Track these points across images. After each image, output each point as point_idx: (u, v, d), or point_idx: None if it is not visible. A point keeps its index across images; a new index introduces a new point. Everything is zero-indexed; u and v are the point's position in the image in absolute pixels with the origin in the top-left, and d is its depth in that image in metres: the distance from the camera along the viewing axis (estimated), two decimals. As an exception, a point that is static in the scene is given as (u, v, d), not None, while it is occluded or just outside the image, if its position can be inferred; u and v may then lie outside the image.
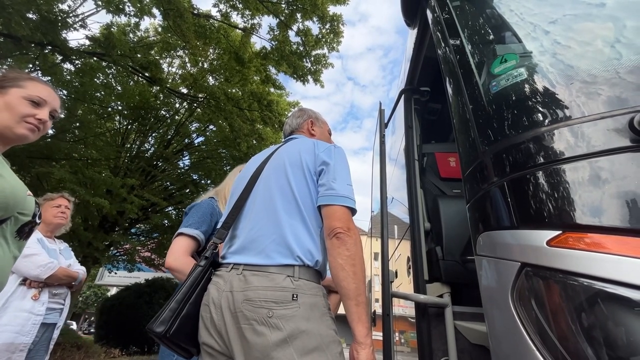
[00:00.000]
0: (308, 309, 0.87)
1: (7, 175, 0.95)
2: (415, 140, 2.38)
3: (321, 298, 0.93)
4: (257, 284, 0.88)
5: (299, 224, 0.98)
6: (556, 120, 0.85)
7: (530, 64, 1.01)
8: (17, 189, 0.97)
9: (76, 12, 6.88)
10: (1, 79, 1.05)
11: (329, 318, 0.91)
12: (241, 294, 0.88)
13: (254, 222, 1.02)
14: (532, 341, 0.73)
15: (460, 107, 1.19)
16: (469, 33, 1.35)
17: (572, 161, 0.78)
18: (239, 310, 0.86)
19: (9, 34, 4.63)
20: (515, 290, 0.79)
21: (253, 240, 0.98)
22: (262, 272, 0.91)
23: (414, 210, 2.10)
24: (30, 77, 1.11)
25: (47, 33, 4.74)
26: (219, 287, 0.93)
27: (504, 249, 0.86)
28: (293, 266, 0.92)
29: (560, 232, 0.74)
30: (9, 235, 0.96)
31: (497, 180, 0.92)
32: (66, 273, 2.15)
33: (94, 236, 7.27)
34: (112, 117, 9.34)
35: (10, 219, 0.95)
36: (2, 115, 0.99)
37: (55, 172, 6.30)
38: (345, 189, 1.00)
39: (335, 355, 0.85)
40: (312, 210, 1.01)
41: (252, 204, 1.07)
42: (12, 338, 1.83)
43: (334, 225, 0.94)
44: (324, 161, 1.06)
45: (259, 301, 0.86)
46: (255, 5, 6.24)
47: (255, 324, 0.83)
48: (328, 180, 1.01)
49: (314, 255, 0.96)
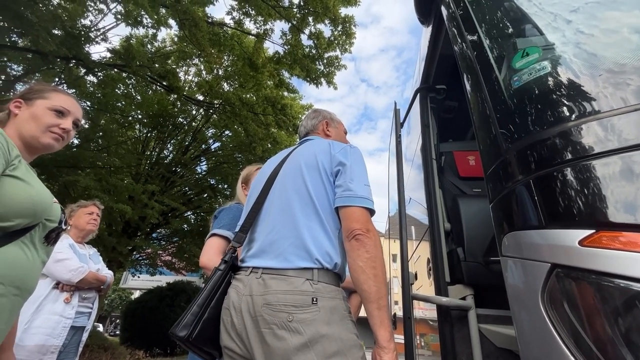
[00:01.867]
0: (328, 312, 0.86)
1: (34, 184, 0.99)
2: (432, 139, 2.33)
3: (341, 301, 0.92)
4: (277, 288, 0.88)
5: (316, 226, 0.97)
6: (584, 114, 0.81)
7: (554, 56, 0.97)
8: (44, 196, 1.01)
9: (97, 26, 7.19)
10: (27, 91, 1.10)
11: (350, 321, 0.90)
12: (261, 298, 0.88)
13: (271, 225, 1.02)
14: (566, 345, 0.70)
15: (480, 103, 1.16)
16: (487, 27, 1.31)
17: (604, 156, 0.74)
18: (259, 315, 0.86)
19: (37, 50, 4.87)
20: (546, 292, 0.76)
21: (271, 243, 0.98)
22: (281, 276, 0.91)
23: (433, 211, 2.06)
24: (54, 88, 1.16)
25: (72, 47, 4.97)
26: (238, 291, 0.94)
27: (532, 249, 0.83)
28: (312, 269, 0.91)
29: (594, 231, 0.70)
30: (37, 241, 1.01)
31: (523, 178, 0.89)
32: (95, 277, 2.22)
33: (118, 241, 7.52)
34: (133, 125, 9.68)
35: (38, 225, 0.99)
36: (29, 125, 1.04)
37: (81, 180, 6.57)
38: (363, 190, 0.99)
39: (356, 359, 0.84)
40: (330, 211, 1.00)
41: (269, 207, 1.07)
42: (43, 340, 1.90)
43: (352, 227, 0.93)
44: (340, 162, 1.05)
45: (279, 305, 0.85)
46: (267, 11, 6.32)
47: (276, 328, 0.83)
48: (345, 181, 1.00)
49: (333, 258, 0.95)
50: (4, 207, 0.89)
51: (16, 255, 0.93)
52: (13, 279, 0.91)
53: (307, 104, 10.15)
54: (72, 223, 2.27)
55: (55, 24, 4.60)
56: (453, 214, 2.13)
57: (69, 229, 2.25)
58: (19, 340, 1.85)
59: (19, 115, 1.05)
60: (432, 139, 2.34)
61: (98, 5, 6.77)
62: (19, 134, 1.03)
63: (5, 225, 0.90)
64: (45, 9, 4.56)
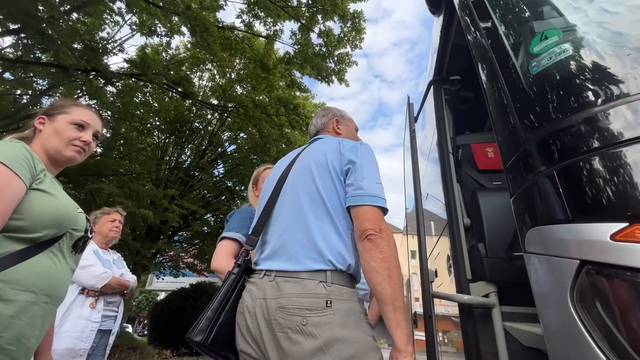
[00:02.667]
0: (343, 315, 0.84)
1: (60, 196, 1.03)
2: (448, 132, 2.26)
3: (356, 303, 0.89)
4: (290, 291, 0.87)
5: (328, 227, 0.95)
6: (611, 98, 0.75)
7: (576, 37, 0.91)
8: (70, 207, 1.05)
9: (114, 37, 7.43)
10: (50, 108, 1.15)
11: (366, 324, 0.88)
12: (274, 302, 0.87)
13: (283, 227, 1.01)
14: (598, 346, 0.65)
15: (497, 92, 1.10)
16: (501, 12, 1.25)
17: (635, 143, 0.68)
18: (273, 319, 0.85)
19: (59, 64, 5.09)
20: (575, 290, 0.71)
21: (283, 245, 0.97)
22: (294, 279, 0.89)
23: (451, 206, 2.00)
24: (74, 103, 1.20)
25: (90, 60, 5.16)
26: (252, 295, 0.93)
27: (558, 245, 0.78)
28: (325, 271, 0.89)
29: (627, 225, 0.65)
30: (66, 250, 1.04)
31: (546, 169, 0.84)
32: (119, 282, 2.29)
33: (141, 245, 7.77)
34: (152, 132, 9.97)
35: (66, 235, 1.03)
36: (52, 140, 1.08)
37: (104, 187, 6.83)
38: (374, 188, 0.96)
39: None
40: (341, 211, 0.98)
41: (280, 209, 1.06)
42: (72, 344, 1.97)
43: (364, 227, 0.90)
44: (350, 160, 1.02)
45: (293, 309, 0.84)
46: (276, 11, 6.34)
47: (290, 332, 0.82)
48: (356, 179, 0.98)
49: (346, 259, 0.93)
50: (32, 219, 0.93)
51: (46, 265, 0.97)
52: (44, 287, 0.95)
53: (319, 103, 10.13)
54: (96, 230, 2.35)
55: (74, 39, 4.80)
56: (472, 208, 2.05)
57: (93, 236, 2.33)
58: (50, 343, 1.93)
59: (43, 131, 1.10)
60: (448, 131, 2.27)
61: (114, 18, 7.01)
62: (44, 149, 1.08)
63: (34, 236, 0.94)
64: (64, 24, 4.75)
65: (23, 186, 0.91)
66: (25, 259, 0.90)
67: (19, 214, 0.90)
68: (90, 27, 6.04)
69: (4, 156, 0.89)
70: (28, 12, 3.78)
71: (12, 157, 0.90)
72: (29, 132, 1.10)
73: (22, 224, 0.91)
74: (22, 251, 0.90)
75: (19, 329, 0.87)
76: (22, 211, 0.91)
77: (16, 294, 0.86)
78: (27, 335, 0.90)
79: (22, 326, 0.87)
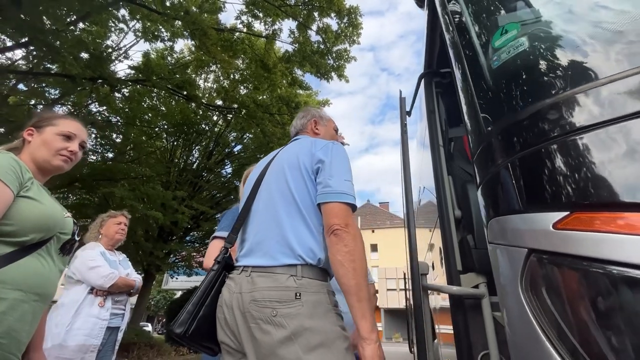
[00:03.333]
0: (311, 306, 0.89)
1: (46, 202, 1.11)
2: (439, 125, 2.27)
3: (325, 295, 0.94)
4: (263, 285, 0.92)
5: (299, 224, 1.00)
6: (559, 91, 0.77)
7: (533, 31, 0.92)
8: (56, 212, 1.12)
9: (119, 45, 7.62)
10: (38, 120, 1.22)
11: (334, 314, 0.92)
12: (248, 295, 0.92)
13: (258, 225, 1.06)
14: (544, 332, 0.68)
15: (464, 86, 1.12)
16: (473, 8, 1.26)
17: (576, 136, 0.70)
18: (247, 311, 0.91)
19: (66, 74, 5.27)
20: (524, 278, 0.74)
21: (258, 243, 1.02)
22: (267, 273, 0.95)
23: (441, 198, 2.02)
24: (61, 115, 1.28)
25: (96, 68, 5.33)
26: (230, 289, 0.99)
27: (513, 234, 0.81)
28: (296, 265, 0.94)
29: (568, 213, 0.68)
30: (54, 252, 1.12)
31: (502, 161, 0.86)
32: (125, 282, 2.40)
33: (154, 246, 8.00)
34: (160, 136, 10.19)
35: (53, 238, 1.11)
36: (41, 151, 1.16)
37: (116, 191, 7.05)
38: (342, 185, 1.00)
39: (340, 350, 0.86)
40: (313, 209, 1.02)
41: (256, 208, 1.11)
42: (83, 340, 2.09)
43: (331, 222, 0.94)
44: (319, 159, 1.06)
45: (264, 301, 0.89)
46: (274, 11, 6.38)
47: (262, 323, 0.88)
48: (325, 178, 1.02)
49: (316, 254, 0.97)
50: (20, 224, 1.01)
51: (34, 266, 1.04)
52: (32, 286, 1.03)
53: (323, 100, 10.14)
54: (102, 232, 2.46)
55: (80, 49, 4.97)
56: (463, 200, 2.06)
57: (100, 238, 2.44)
58: (63, 340, 2.05)
59: (31, 142, 1.17)
60: (439, 125, 2.28)
61: (118, 25, 7.18)
62: (32, 158, 1.15)
63: (22, 239, 1.02)
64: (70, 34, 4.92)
65: (11, 194, 0.98)
66: (15, 261, 0.98)
67: (7, 219, 0.98)
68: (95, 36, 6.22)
69: None
70: (34, 25, 3.93)
71: (1, 167, 0.98)
72: (18, 143, 1.18)
73: (11, 229, 0.99)
74: (11, 254, 0.98)
75: (10, 324, 0.95)
76: (10, 217, 0.98)
77: (6, 292, 0.95)
78: (18, 330, 0.98)
79: (13, 322, 0.95)
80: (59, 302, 2.20)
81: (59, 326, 2.05)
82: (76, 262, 2.23)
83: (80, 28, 6.38)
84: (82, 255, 2.26)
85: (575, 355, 0.62)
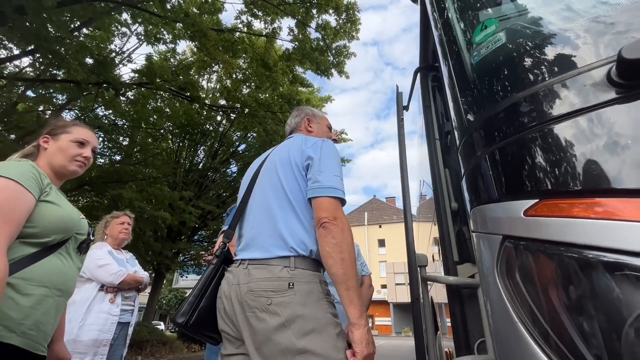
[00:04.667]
0: (304, 295, 0.95)
1: (64, 205, 1.19)
2: (434, 119, 2.30)
3: (317, 285, 0.99)
4: (258, 276, 0.99)
5: (291, 218, 1.06)
6: (530, 84, 0.80)
7: (510, 27, 0.95)
8: (73, 215, 1.21)
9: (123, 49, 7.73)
10: (53, 128, 1.30)
11: (326, 302, 0.98)
12: (245, 286, 0.99)
13: (253, 221, 1.13)
14: (518, 317, 0.72)
15: (449, 81, 1.16)
16: (459, 5, 1.29)
17: (547, 125, 0.74)
18: (244, 301, 0.97)
19: (72, 79, 5.40)
20: (499, 264, 0.78)
21: (254, 237, 1.09)
22: (262, 265, 1.01)
23: (438, 190, 2.05)
24: (74, 123, 1.36)
25: (101, 73, 5.44)
26: (229, 281, 1.05)
27: (491, 223, 0.85)
28: (289, 257, 1.00)
29: (537, 201, 0.71)
30: (72, 251, 1.21)
31: (481, 153, 0.90)
32: (133, 278, 2.49)
33: (163, 245, 8.16)
34: (165, 137, 10.34)
35: (71, 238, 1.20)
36: (57, 157, 1.24)
37: (124, 193, 7.20)
38: (331, 180, 1.05)
39: (332, 335, 0.92)
40: (304, 203, 1.08)
41: (252, 204, 1.18)
42: (96, 335, 2.19)
43: (320, 216, 1.00)
44: (309, 156, 1.12)
45: (259, 291, 0.96)
46: (273, 9, 6.42)
47: (257, 311, 0.94)
48: (314, 173, 1.07)
49: (308, 245, 1.03)
50: (42, 226, 1.09)
51: (56, 264, 1.13)
52: (55, 283, 1.12)
53: (326, 96, 10.16)
54: (107, 233, 2.55)
55: (84, 54, 5.08)
56: (460, 192, 2.09)
57: (106, 238, 2.54)
58: (76, 336, 2.15)
59: (48, 149, 1.26)
60: (435, 118, 2.30)
61: (121, 29, 7.29)
62: (49, 164, 1.24)
63: (44, 240, 1.10)
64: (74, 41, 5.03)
65: (33, 199, 1.06)
66: (38, 260, 1.07)
67: (31, 222, 1.06)
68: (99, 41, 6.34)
69: (15, 174, 1.04)
70: (38, 34, 4.04)
71: (22, 175, 1.06)
72: (31, 149, 1.26)
73: (34, 231, 1.07)
74: (35, 254, 1.07)
75: (37, 317, 1.03)
76: (33, 220, 1.07)
77: (32, 288, 1.03)
78: (44, 323, 1.07)
79: (40, 315, 1.04)
80: (70, 299, 2.29)
81: (72, 322, 2.15)
82: (85, 261, 2.32)
83: (84, 34, 6.51)
84: (90, 254, 2.35)
85: (547, 340, 0.66)
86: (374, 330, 32.56)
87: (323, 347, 0.89)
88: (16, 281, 1.00)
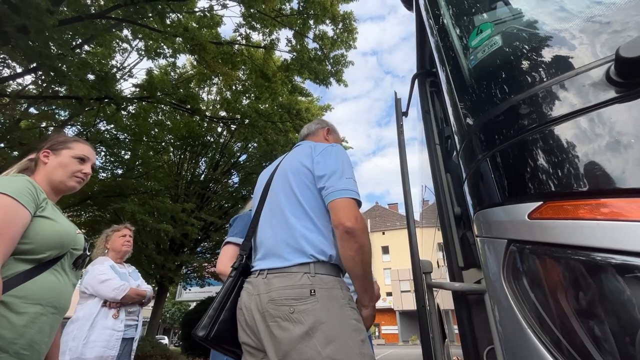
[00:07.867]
0: (327, 301, 0.94)
1: (60, 220, 1.18)
2: (434, 124, 2.30)
3: (339, 290, 0.99)
4: (279, 285, 0.98)
5: (308, 225, 1.06)
6: (528, 87, 0.80)
7: (505, 30, 0.96)
8: (69, 230, 1.19)
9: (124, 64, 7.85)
10: (54, 143, 1.30)
11: (349, 308, 0.97)
12: (266, 296, 0.97)
13: (270, 231, 1.12)
14: (527, 322, 0.70)
15: (447, 85, 1.16)
16: (454, 10, 1.30)
17: (547, 126, 0.73)
18: (266, 310, 0.96)
19: (74, 96, 5.46)
20: (505, 269, 0.76)
21: (272, 247, 1.08)
22: (282, 273, 1.00)
23: (440, 196, 2.04)
24: (75, 139, 1.36)
25: (102, 88, 5.51)
26: (249, 292, 1.04)
27: (495, 227, 0.83)
28: (308, 264, 1.00)
29: (541, 203, 0.70)
30: (67, 267, 1.19)
31: (482, 156, 0.90)
32: (136, 292, 2.47)
33: (165, 258, 8.12)
34: (167, 150, 10.40)
35: (67, 254, 1.18)
36: (58, 172, 1.23)
37: (127, 206, 7.21)
38: (344, 183, 1.06)
39: (357, 342, 0.90)
40: (319, 209, 1.08)
41: (266, 214, 1.18)
42: (101, 352, 2.16)
43: (339, 219, 1.00)
44: (319, 162, 1.13)
45: (281, 300, 0.95)
46: (271, 22, 6.53)
47: (280, 321, 0.92)
48: (327, 178, 1.08)
49: (326, 251, 1.03)
50: (37, 243, 1.08)
51: (51, 281, 1.11)
52: (50, 300, 1.09)
53: (325, 105, 10.23)
54: (109, 246, 2.54)
55: (85, 70, 5.16)
56: (462, 197, 2.08)
57: (107, 252, 2.52)
58: (81, 353, 2.11)
59: (48, 163, 1.25)
60: (434, 123, 2.30)
61: (122, 45, 7.41)
62: (48, 179, 1.23)
63: (39, 257, 1.09)
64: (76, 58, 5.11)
65: (28, 215, 1.05)
66: (33, 277, 1.05)
67: (26, 238, 1.05)
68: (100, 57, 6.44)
69: (10, 189, 1.03)
70: (41, 52, 4.12)
71: (18, 190, 1.05)
72: (28, 163, 1.25)
73: (29, 247, 1.05)
74: (29, 270, 1.05)
75: (31, 336, 1.01)
76: (28, 236, 1.05)
77: (26, 306, 1.01)
78: (38, 342, 1.04)
79: (33, 334, 1.02)
80: (74, 316, 2.27)
81: (76, 340, 2.12)
82: (87, 277, 2.31)
83: (85, 50, 6.62)
84: (92, 270, 2.34)
85: (558, 346, 0.64)
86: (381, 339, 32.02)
87: (349, 355, 0.88)
88: (10, 299, 0.98)
